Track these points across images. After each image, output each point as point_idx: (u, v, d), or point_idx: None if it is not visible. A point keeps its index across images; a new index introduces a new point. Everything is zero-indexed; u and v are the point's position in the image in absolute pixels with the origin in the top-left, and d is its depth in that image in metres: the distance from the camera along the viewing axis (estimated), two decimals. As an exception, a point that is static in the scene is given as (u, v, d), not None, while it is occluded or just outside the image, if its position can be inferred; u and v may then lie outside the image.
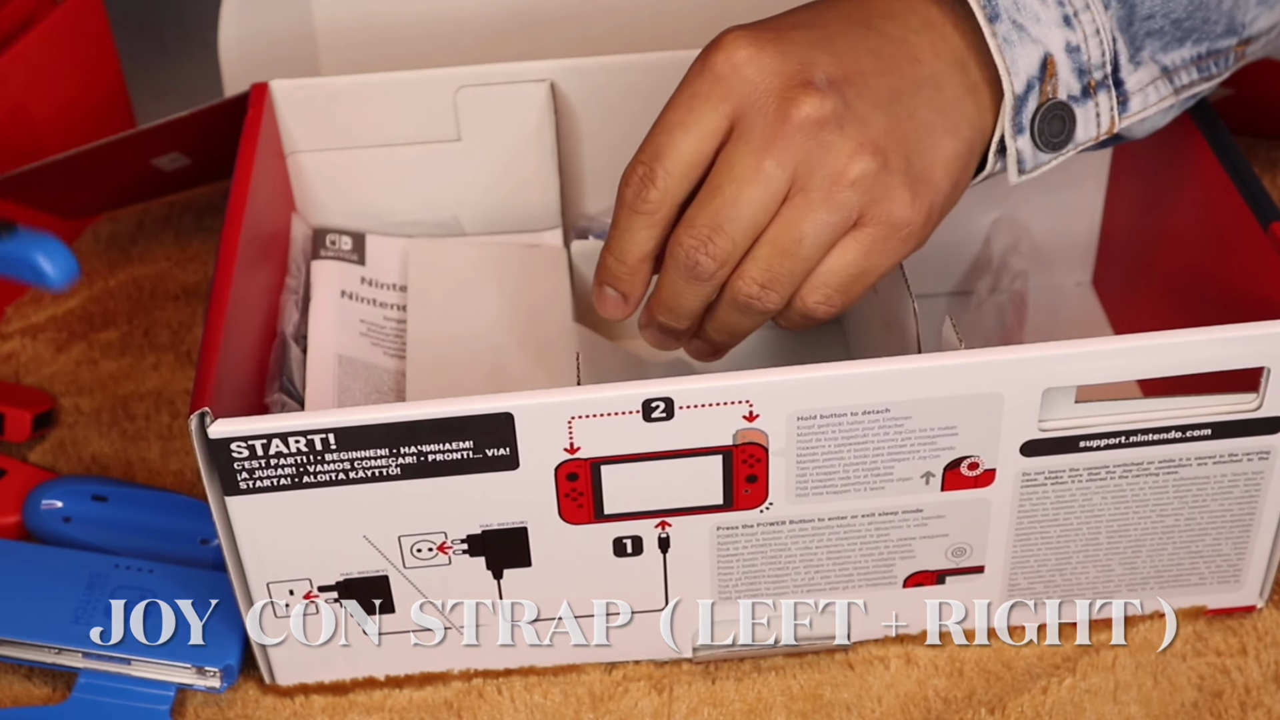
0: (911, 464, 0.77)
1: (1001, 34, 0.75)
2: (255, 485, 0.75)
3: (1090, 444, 0.77)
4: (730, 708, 0.83)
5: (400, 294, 0.95)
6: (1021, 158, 0.78)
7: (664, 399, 0.73)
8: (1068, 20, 0.76)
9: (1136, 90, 0.79)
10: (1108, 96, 0.78)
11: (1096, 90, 0.78)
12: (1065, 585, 0.83)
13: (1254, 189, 0.83)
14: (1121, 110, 0.79)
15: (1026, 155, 0.78)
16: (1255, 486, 0.80)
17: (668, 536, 0.79)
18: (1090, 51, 0.77)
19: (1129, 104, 0.79)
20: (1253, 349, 0.75)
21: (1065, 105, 0.77)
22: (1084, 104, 0.78)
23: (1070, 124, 0.78)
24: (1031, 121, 0.77)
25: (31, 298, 1.07)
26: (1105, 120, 0.79)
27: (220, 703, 0.83)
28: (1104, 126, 0.79)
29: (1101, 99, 0.78)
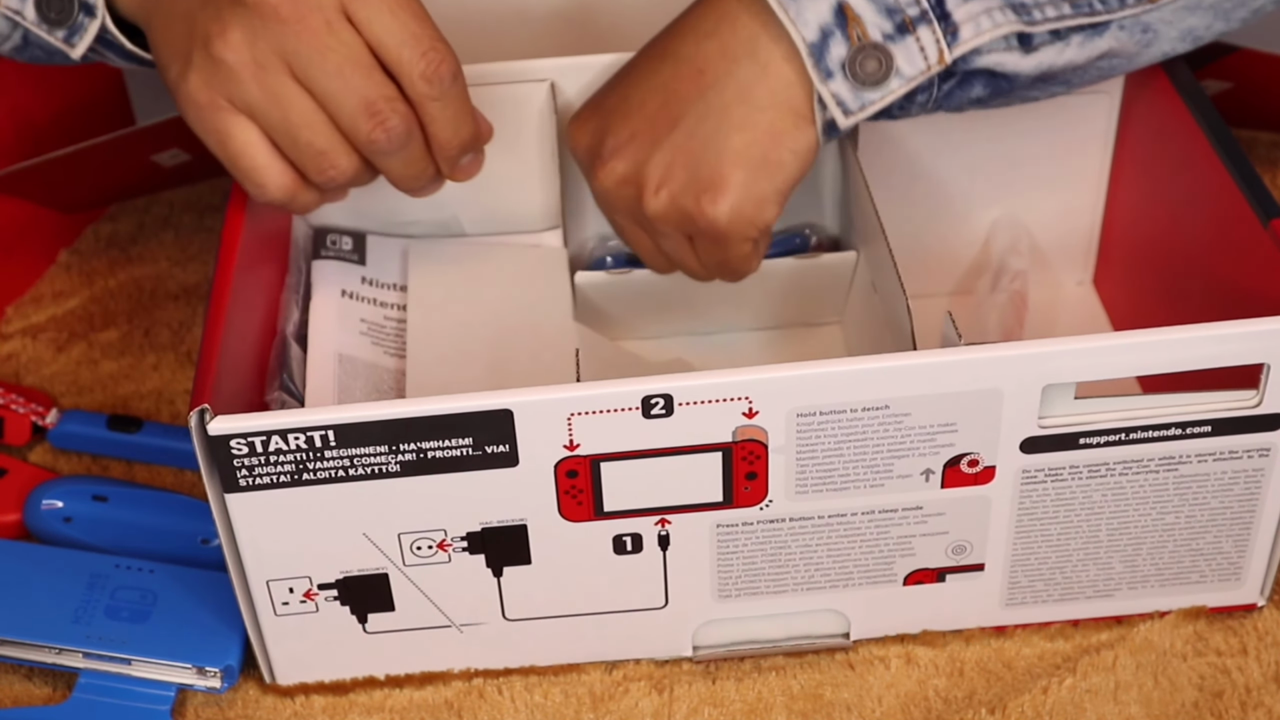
0: (911, 461, 0.77)
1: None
2: (255, 482, 0.75)
3: (1090, 441, 0.77)
4: (730, 708, 0.83)
5: (400, 294, 0.95)
6: (841, 100, 0.80)
7: (663, 395, 0.73)
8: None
9: (967, 20, 0.80)
10: (930, 30, 0.80)
11: (915, 25, 0.79)
12: (1065, 583, 0.83)
13: (1255, 186, 0.83)
14: (951, 40, 0.80)
15: (846, 97, 0.80)
16: (1255, 484, 0.80)
17: (667, 534, 0.79)
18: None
19: (959, 33, 0.80)
20: (1253, 346, 0.75)
21: (879, 45, 0.79)
22: (902, 40, 0.79)
23: (888, 61, 0.80)
24: (843, 66, 0.79)
25: (31, 298, 1.07)
26: (933, 53, 0.80)
27: (220, 703, 0.83)
28: (932, 59, 0.80)
29: (923, 33, 0.80)
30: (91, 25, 0.81)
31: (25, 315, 1.06)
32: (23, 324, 1.05)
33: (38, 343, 1.04)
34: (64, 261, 1.09)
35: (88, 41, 0.81)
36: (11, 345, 1.03)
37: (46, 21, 0.81)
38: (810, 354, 0.99)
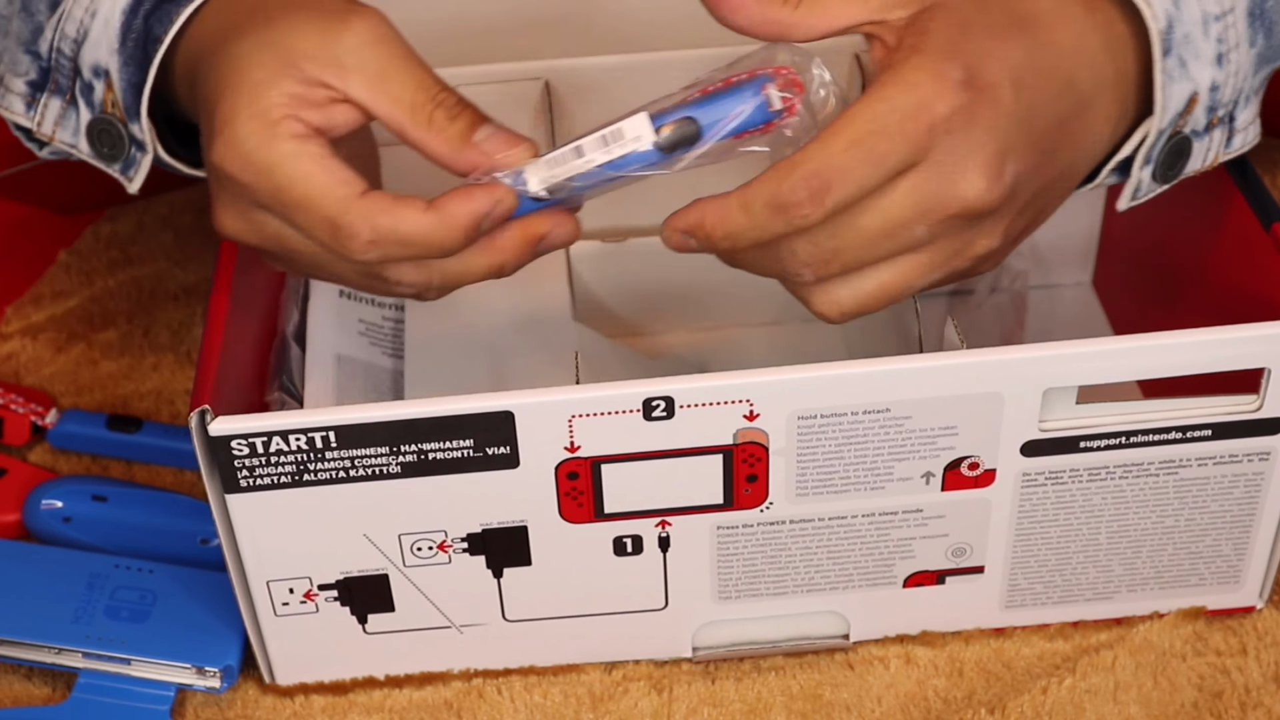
0: (912, 464, 0.77)
1: (1167, 69, 0.73)
2: (255, 483, 0.75)
3: (1091, 444, 0.77)
4: (730, 708, 0.83)
5: (400, 293, 0.95)
6: (1140, 187, 0.77)
7: (664, 398, 0.73)
8: (1220, 59, 0.74)
9: (1241, 129, 0.78)
10: (1222, 133, 0.77)
11: (1215, 126, 0.77)
12: (1065, 586, 0.83)
13: (1256, 189, 0.83)
14: (1226, 146, 0.78)
15: (1144, 186, 0.77)
16: (1255, 487, 0.80)
17: (668, 536, 0.79)
18: (1225, 90, 0.75)
19: (1233, 140, 0.78)
20: (1253, 350, 0.75)
21: (1187, 139, 0.76)
22: (1202, 139, 0.76)
23: (1186, 157, 0.77)
24: (1153, 155, 0.75)
25: (31, 298, 1.07)
26: (1211, 155, 0.77)
27: (220, 703, 0.83)
28: (1209, 161, 0.78)
29: (1216, 134, 0.77)
30: (144, 160, 0.80)
31: (25, 315, 1.05)
32: (22, 324, 1.05)
33: (37, 343, 1.03)
34: (64, 261, 1.09)
35: (143, 175, 0.80)
36: (11, 345, 1.03)
37: (101, 157, 0.81)
38: (810, 352, 0.98)
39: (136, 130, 0.78)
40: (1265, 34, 0.76)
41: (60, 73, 0.79)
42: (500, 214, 0.72)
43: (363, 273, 0.73)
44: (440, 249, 0.72)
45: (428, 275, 0.73)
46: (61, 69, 0.79)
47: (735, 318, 1.00)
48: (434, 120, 0.72)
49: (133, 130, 0.78)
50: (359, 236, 0.70)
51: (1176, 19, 0.73)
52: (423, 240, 0.71)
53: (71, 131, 0.80)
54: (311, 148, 0.71)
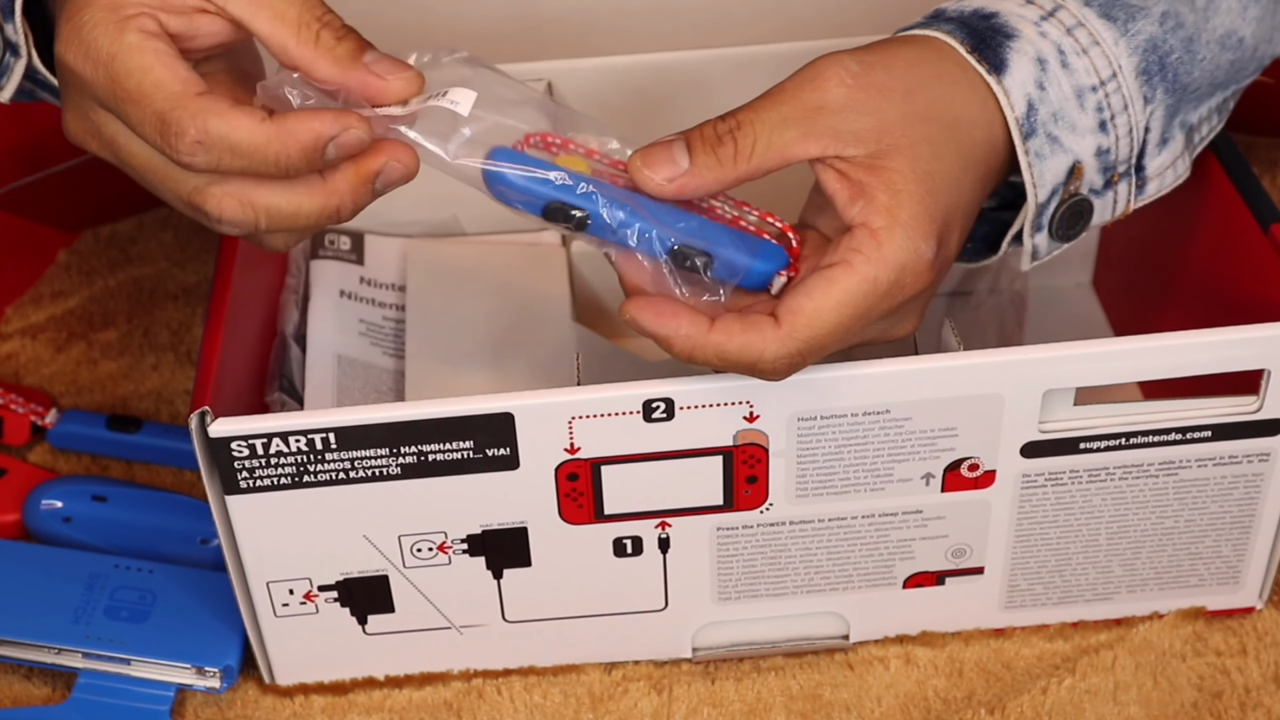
0: (911, 465, 0.77)
1: (1034, 149, 0.74)
2: (255, 484, 0.75)
3: (1090, 445, 0.77)
4: (730, 708, 0.83)
5: (399, 294, 0.95)
6: (1037, 250, 0.77)
7: (665, 399, 0.73)
8: (1103, 126, 0.75)
9: (1155, 175, 0.78)
10: (1127, 185, 0.77)
11: (1118, 181, 0.77)
12: (1065, 586, 0.83)
13: (1254, 191, 0.83)
14: (1138, 194, 0.78)
15: (1042, 248, 0.77)
16: (1255, 488, 0.80)
17: (668, 537, 0.79)
18: (1119, 150, 0.76)
19: (1145, 188, 0.78)
20: (1253, 351, 0.75)
21: (1085, 200, 0.76)
22: (1104, 195, 0.77)
23: (1087, 215, 0.77)
24: (1051, 219, 0.76)
25: (31, 298, 1.07)
26: (1120, 206, 0.78)
27: (220, 703, 0.83)
28: (1119, 211, 0.78)
29: (1121, 188, 0.77)
30: (18, 65, 0.75)
31: (25, 315, 1.05)
32: (22, 324, 1.05)
33: (37, 343, 1.03)
34: (63, 261, 1.09)
35: (15, 83, 0.76)
36: (11, 345, 1.03)
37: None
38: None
39: (10, 31, 0.74)
40: (1169, 88, 0.77)
41: None
42: (348, 143, 0.68)
43: (186, 197, 0.69)
44: (273, 164, 0.67)
45: (253, 213, 0.69)
46: None
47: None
48: (321, 39, 0.69)
49: (6, 32, 0.74)
50: (186, 134, 0.66)
51: (1039, 100, 0.74)
52: (253, 150, 0.67)
53: None
54: (157, 44, 0.68)
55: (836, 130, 0.71)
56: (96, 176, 1.01)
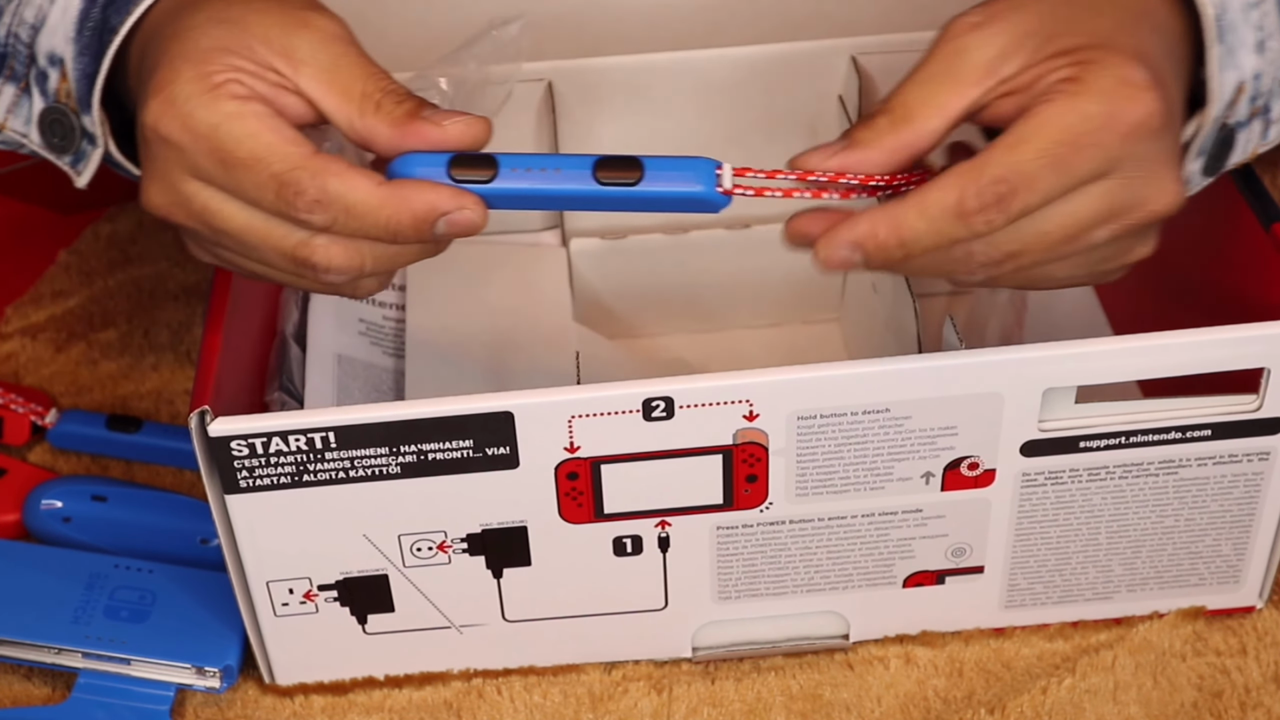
0: (911, 464, 0.77)
1: (1220, 56, 0.72)
2: (255, 484, 0.75)
3: (1090, 444, 0.77)
4: (730, 708, 0.83)
5: (399, 293, 0.95)
6: (1190, 181, 0.75)
7: (664, 398, 0.73)
8: (1260, 45, 0.73)
9: (1277, 118, 0.76)
10: (1261, 125, 0.75)
11: (1256, 117, 0.75)
12: (1065, 585, 0.83)
13: (1256, 189, 0.83)
14: (1263, 138, 0.76)
15: (1195, 180, 0.75)
16: (1255, 487, 0.80)
17: (667, 536, 0.79)
18: (1266, 79, 0.74)
19: (1269, 131, 0.76)
20: (1253, 350, 0.74)
21: (1232, 131, 0.74)
22: (1244, 129, 0.75)
23: (1230, 149, 0.75)
24: (1208, 145, 0.74)
25: (31, 298, 1.07)
26: (1251, 146, 0.76)
27: (220, 703, 0.83)
28: (1247, 153, 0.76)
29: (1256, 126, 0.75)
30: (95, 154, 0.77)
31: (25, 315, 1.05)
32: (22, 324, 1.05)
33: (37, 342, 1.03)
34: (63, 261, 1.09)
35: (92, 169, 0.77)
36: (11, 345, 1.03)
37: (51, 148, 0.78)
38: (809, 353, 0.99)
39: (88, 122, 0.76)
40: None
41: (16, 59, 0.78)
42: (459, 223, 0.70)
43: (291, 251, 0.70)
44: (383, 228, 0.69)
45: (359, 258, 0.70)
46: (17, 55, 0.77)
47: (735, 318, 1.00)
48: (381, 106, 0.70)
49: (84, 122, 0.76)
50: (306, 194, 0.68)
51: (1225, 6, 0.72)
52: (367, 213, 0.69)
53: (24, 120, 0.78)
54: (256, 107, 0.69)
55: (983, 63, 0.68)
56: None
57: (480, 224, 0.70)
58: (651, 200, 0.70)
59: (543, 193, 0.70)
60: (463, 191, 0.69)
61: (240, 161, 0.69)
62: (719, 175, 0.70)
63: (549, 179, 0.70)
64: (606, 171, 0.70)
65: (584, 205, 0.71)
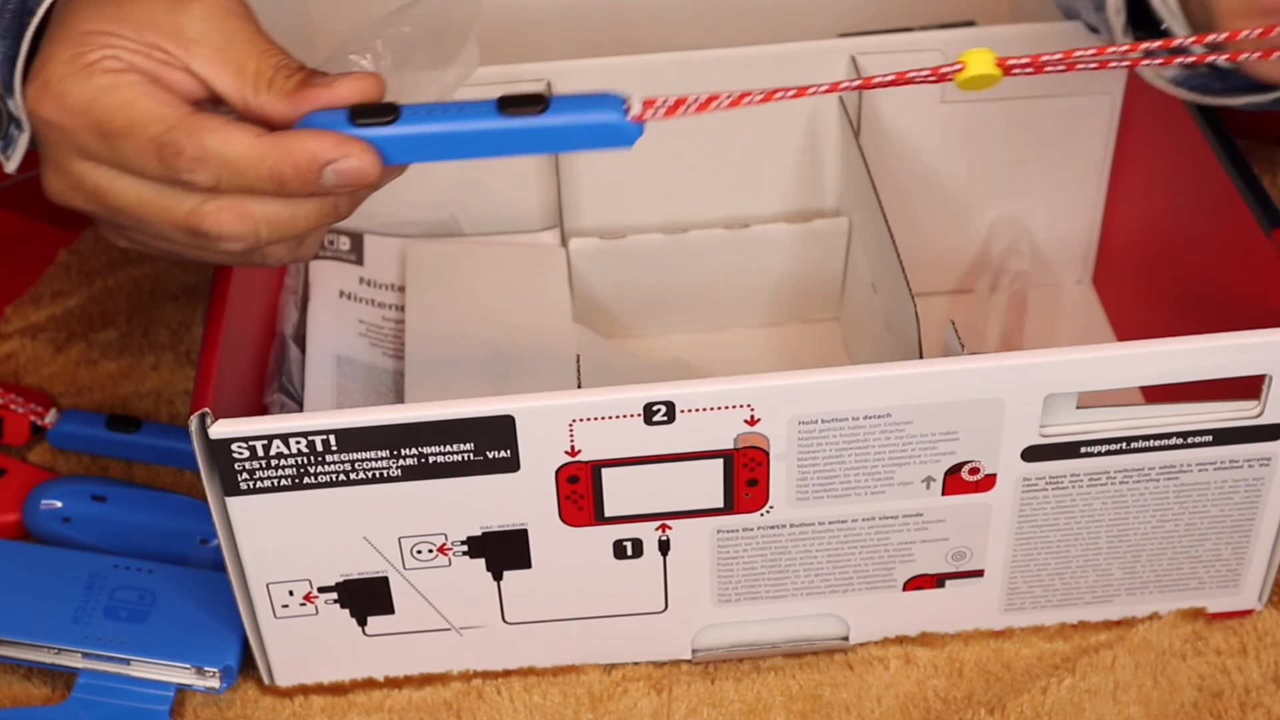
0: (912, 468, 0.77)
1: None
2: (255, 486, 0.75)
3: (1091, 450, 0.77)
4: (729, 708, 0.83)
5: (398, 294, 0.95)
6: None
7: (665, 402, 0.73)
8: None
9: None
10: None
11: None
12: (1065, 589, 0.83)
13: (1258, 193, 0.83)
14: None
15: None
16: (1256, 493, 0.80)
17: (668, 539, 0.79)
18: None
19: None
20: (1254, 356, 0.75)
21: None
22: None
23: None
24: None
25: (31, 298, 1.07)
26: None
27: (219, 703, 0.83)
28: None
29: None
30: (21, 138, 0.76)
31: (24, 315, 1.05)
32: (22, 324, 1.05)
33: (37, 342, 1.03)
34: (63, 261, 1.09)
35: (20, 154, 0.76)
36: (10, 345, 1.03)
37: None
38: (809, 353, 0.99)
39: (13, 106, 0.75)
40: None
41: None
42: (347, 171, 0.68)
43: (182, 222, 0.69)
44: (268, 179, 0.68)
45: (251, 223, 0.69)
46: None
47: (735, 318, 1.00)
48: (274, 82, 0.69)
49: (10, 106, 0.75)
50: (183, 152, 0.67)
51: None
52: (247, 166, 0.67)
53: None
54: (131, 78, 0.69)
55: None
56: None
57: (372, 173, 0.68)
58: (560, 134, 0.69)
59: (448, 135, 0.69)
60: (349, 139, 0.68)
61: (118, 131, 0.68)
62: (627, 106, 0.70)
63: (452, 119, 0.69)
64: (511, 107, 0.69)
65: (491, 147, 0.69)
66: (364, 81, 0.70)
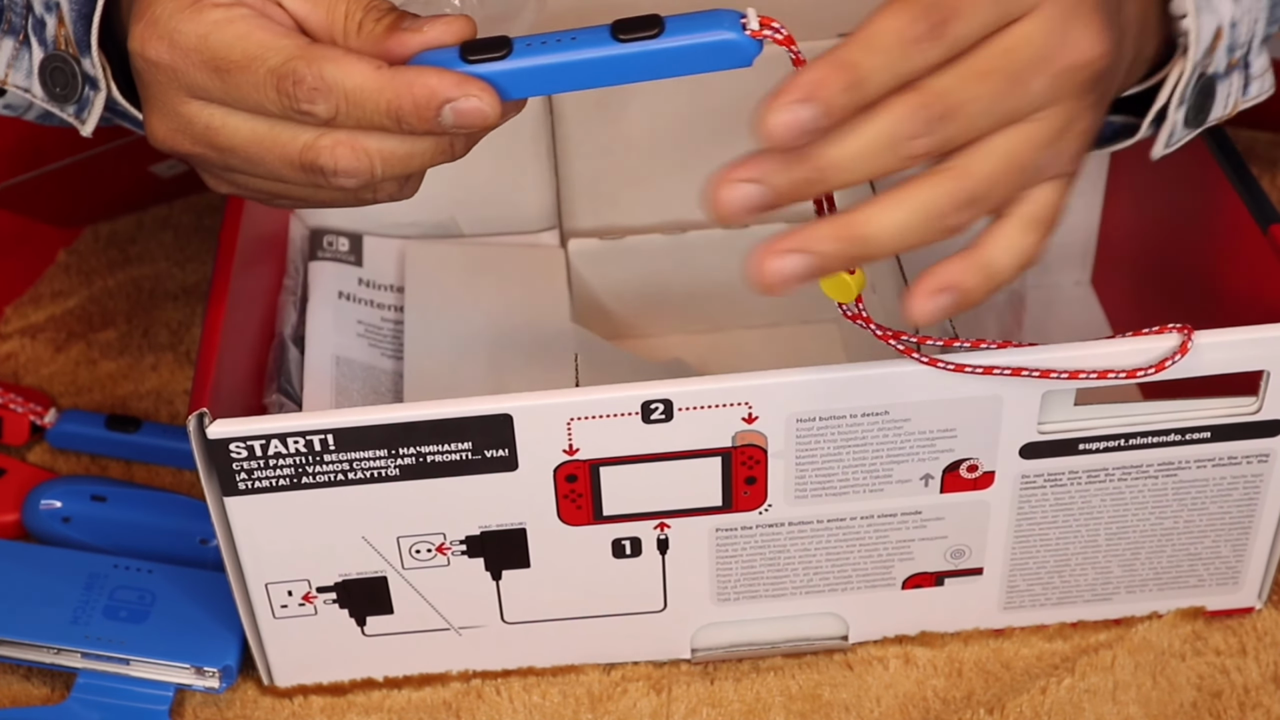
0: (911, 466, 0.77)
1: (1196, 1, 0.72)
2: (254, 486, 0.75)
3: (1090, 446, 0.77)
4: (729, 708, 0.83)
5: (397, 295, 0.95)
6: (1174, 131, 0.75)
7: (663, 400, 0.73)
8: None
9: (1258, 75, 0.76)
10: (1240, 77, 0.76)
11: (1234, 69, 0.75)
12: (1064, 587, 0.83)
13: (1254, 191, 0.83)
14: (1244, 93, 0.76)
15: (1178, 130, 0.75)
16: (1254, 489, 0.80)
17: (666, 538, 0.79)
18: (1242, 28, 0.74)
19: (1250, 87, 0.76)
20: (1252, 352, 0.74)
21: (1212, 80, 0.74)
22: (1224, 81, 0.75)
23: (1211, 100, 0.75)
24: (1188, 93, 0.74)
25: (30, 298, 1.07)
26: (1232, 101, 0.76)
27: (219, 703, 0.83)
28: (1230, 106, 0.76)
29: (1235, 79, 0.75)
30: (98, 99, 0.75)
31: (24, 315, 1.05)
32: (21, 324, 1.05)
33: (36, 342, 1.04)
34: (63, 261, 1.09)
35: (96, 116, 0.76)
36: (10, 345, 1.03)
37: (54, 98, 0.77)
38: (808, 353, 0.99)
39: (89, 65, 0.74)
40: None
41: (13, 10, 0.76)
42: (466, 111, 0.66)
43: (298, 157, 0.68)
44: (385, 113, 0.66)
45: (367, 159, 0.67)
46: (14, 6, 0.76)
47: (734, 318, 1.00)
48: (363, 26, 0.68)
49: (85, 66, 0.74)
50: (304, 81, 0.65)
51: None
52: (366, 98, 0.66)
53: (25, 73, 0.77)
54: (241, 11, 0.67)
55: None
56: (96, 173, 1.01)
57: (491, 114, 0.67)
58: (678, 56, 0.67)
59: (564, 64, 0.67)
60: (470, 79, 0.66)
61: (235, 65, 0.67)
62: (744, 22, 0.67)
63: (566, 49, 0.67)
64: (625, 32, 0.67)
65: (607, 76, 0.67)
66: (455, 24, 0.68)
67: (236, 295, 0.81)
